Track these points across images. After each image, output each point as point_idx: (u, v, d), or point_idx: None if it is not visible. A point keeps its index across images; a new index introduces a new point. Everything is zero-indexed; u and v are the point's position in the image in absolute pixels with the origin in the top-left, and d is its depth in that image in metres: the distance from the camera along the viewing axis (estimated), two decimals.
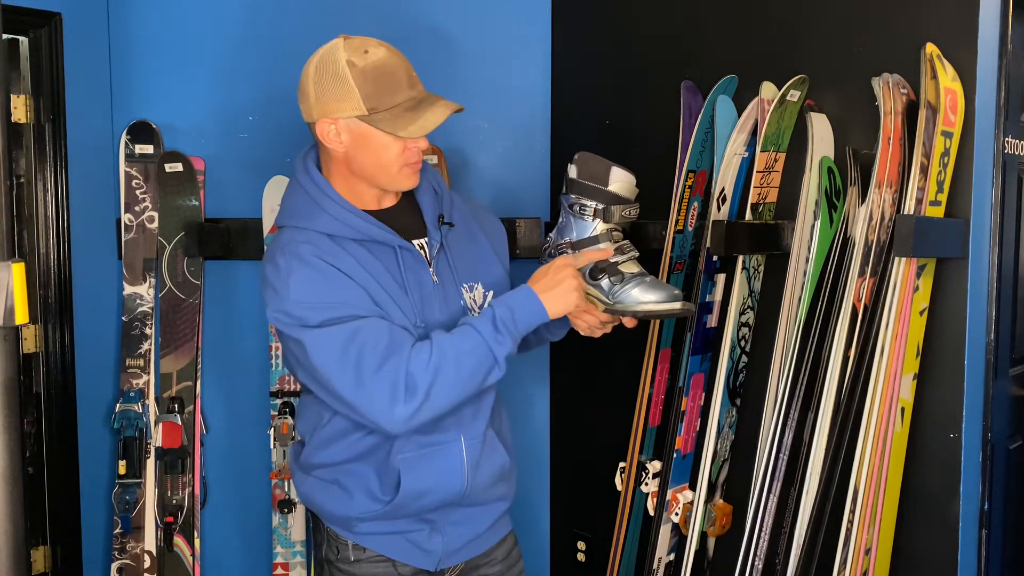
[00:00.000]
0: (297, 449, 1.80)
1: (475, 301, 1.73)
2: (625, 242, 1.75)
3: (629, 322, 1.73)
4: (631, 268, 1.72)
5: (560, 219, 1.79)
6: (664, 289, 1.69)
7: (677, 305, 1.68)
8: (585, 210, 1.73)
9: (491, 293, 1.75)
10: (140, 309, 2.49)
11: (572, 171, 1.75)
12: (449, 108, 1.61)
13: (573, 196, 1.75)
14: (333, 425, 1.68)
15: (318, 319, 1.55)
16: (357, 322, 1.55)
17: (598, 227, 1.74)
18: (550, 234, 1.82)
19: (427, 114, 1.59)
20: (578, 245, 1.75)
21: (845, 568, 1.76)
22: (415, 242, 1.69)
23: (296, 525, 2.47)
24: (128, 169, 2.48)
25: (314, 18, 2.41)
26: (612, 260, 1.72)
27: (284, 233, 1.66)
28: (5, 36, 2.12)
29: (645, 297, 1.68)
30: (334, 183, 1.66)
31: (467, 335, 1.57)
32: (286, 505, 2.45)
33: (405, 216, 1.72)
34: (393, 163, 1.62)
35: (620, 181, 1.73)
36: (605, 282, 1.71)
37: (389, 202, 1.72)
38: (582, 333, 1.78)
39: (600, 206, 1.72)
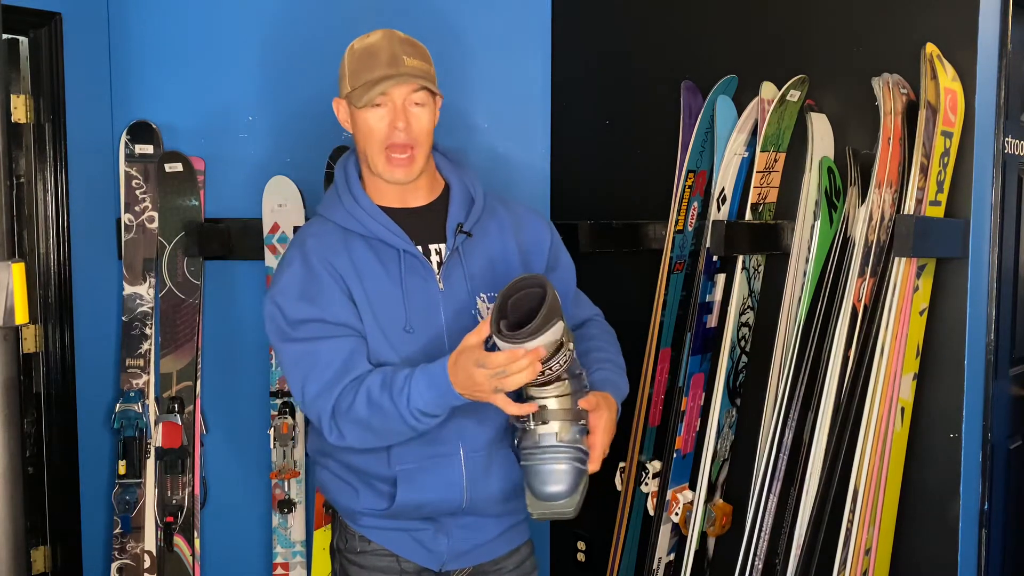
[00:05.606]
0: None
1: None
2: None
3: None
4: (554, 416, 1.49)
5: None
6: (560, 480, 1.53)
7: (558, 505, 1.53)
8: None
9: None
10: (140, 309, 2.49)
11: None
12: (410, 86, 1.58)
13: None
14: None
15: (293, 315, 1.59)
16: (316, 343, 1.58)
17: None
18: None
19: (384, 84, 1.57)
20: None
21: (845, 568, 1.76)
22: (432, 247, 1.67)
23: (296, 525, 2.47)
24: (128, 169, 2.48)
25: (313, 19, 2.40)
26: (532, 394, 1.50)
27: (311, 221, 1.74)
28: (5, 36, 2.12)
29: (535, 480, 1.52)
30: (363, 177, 1.69)
31: (392, 404, 1.51)
32: (286, 505, 2.45)
33: (428, 219, 1.69)
34: (376, 146, 1.61)
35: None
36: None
37: (416, 201, 1.69)
38: None
39: None
